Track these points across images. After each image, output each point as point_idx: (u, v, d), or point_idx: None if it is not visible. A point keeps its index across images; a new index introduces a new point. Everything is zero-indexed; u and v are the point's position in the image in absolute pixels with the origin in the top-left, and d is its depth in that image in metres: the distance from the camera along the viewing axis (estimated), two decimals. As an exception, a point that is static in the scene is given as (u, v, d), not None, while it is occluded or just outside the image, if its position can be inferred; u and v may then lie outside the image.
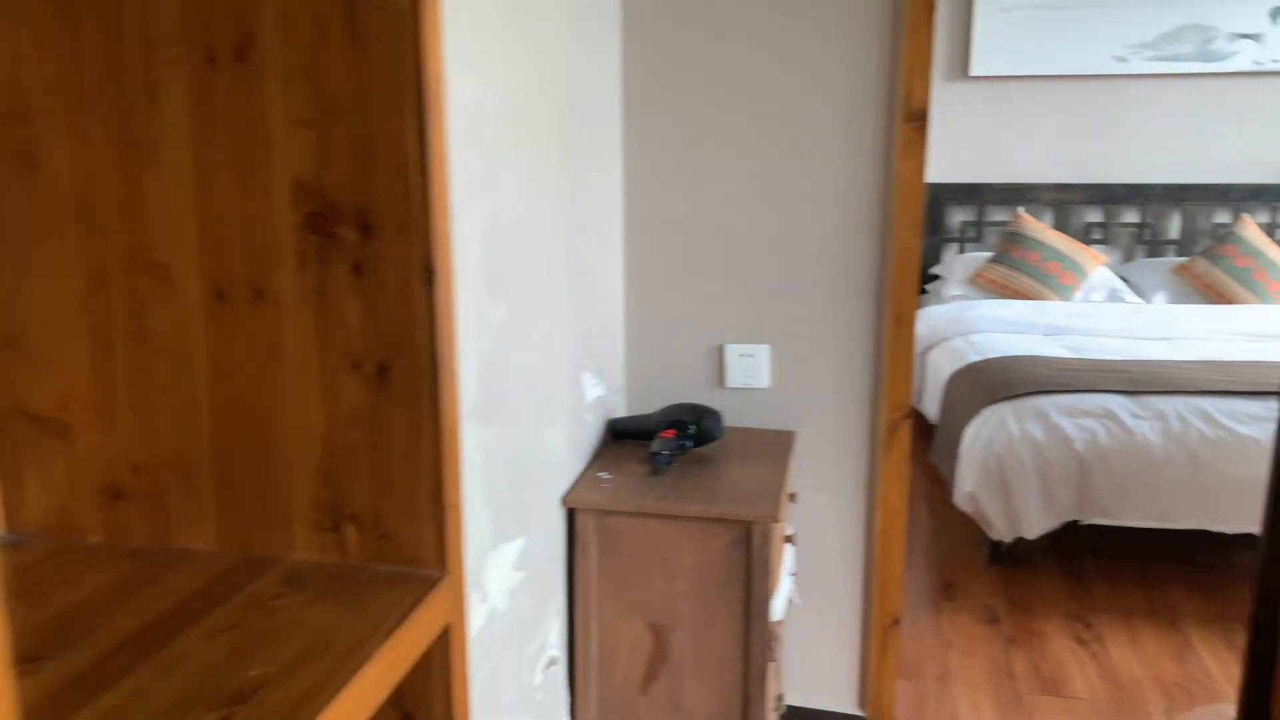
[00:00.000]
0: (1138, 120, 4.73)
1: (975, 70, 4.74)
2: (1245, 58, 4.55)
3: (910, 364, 2.02)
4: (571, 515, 1.76)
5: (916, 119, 1.91)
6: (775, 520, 1.66)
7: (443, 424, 0.81)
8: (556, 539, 1.74)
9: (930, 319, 4.12)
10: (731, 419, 2.12)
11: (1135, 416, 2.93)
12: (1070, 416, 2.96)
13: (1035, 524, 2.93)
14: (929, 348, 4.01)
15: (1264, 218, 4.70)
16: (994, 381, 3.19)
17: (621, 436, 2.01)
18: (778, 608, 1.73)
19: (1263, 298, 4.21)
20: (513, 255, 1.44)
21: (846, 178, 1.97)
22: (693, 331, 2.11)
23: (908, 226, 1.96)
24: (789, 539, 1.91)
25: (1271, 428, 2.85)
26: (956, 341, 3.84)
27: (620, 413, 2.14)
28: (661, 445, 1.84)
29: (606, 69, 1.94)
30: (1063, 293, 4.34)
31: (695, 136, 2.02)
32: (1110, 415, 2.94)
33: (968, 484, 2.97)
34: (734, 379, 2.10)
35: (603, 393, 1.98)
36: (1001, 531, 2.96)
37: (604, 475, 1.83)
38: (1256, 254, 4.29)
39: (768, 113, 1.98)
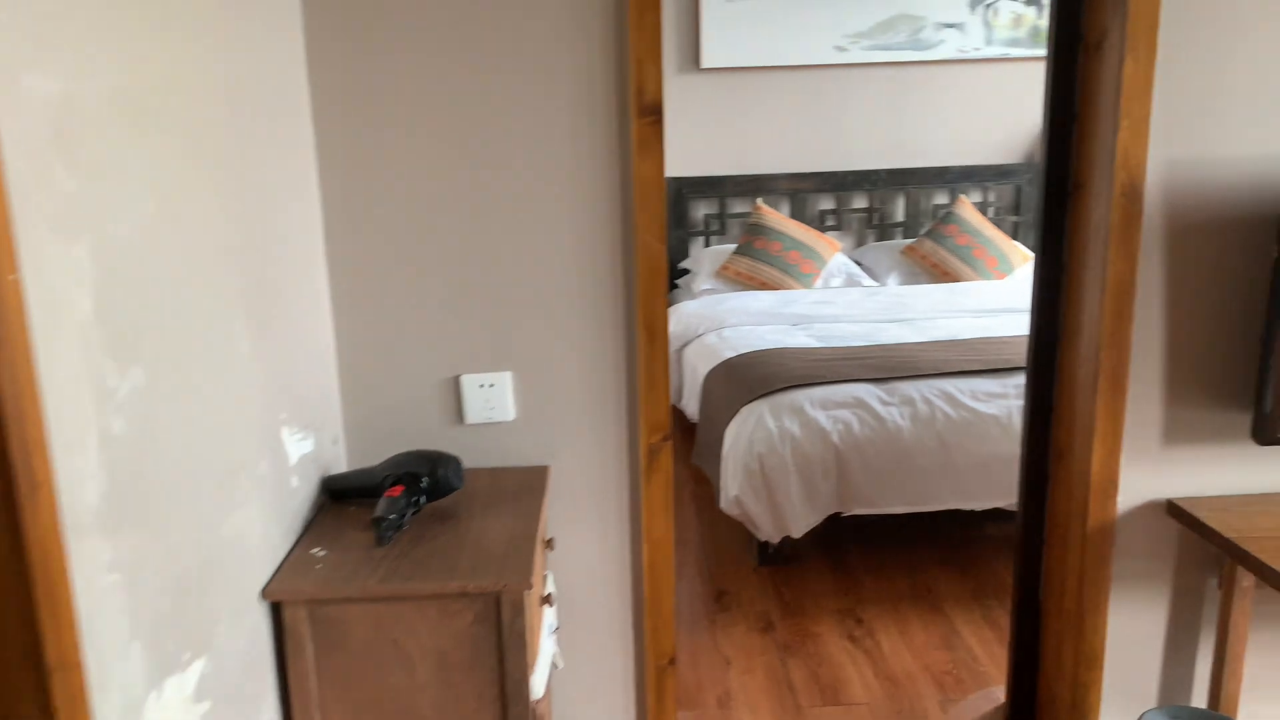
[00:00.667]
0: (860, 108, 4.88)
1: (706, 62, 4.71)
2: (950, 46, 4.80)
3: (667, 379, 1.84)
4: (278, 610, 1.43)
5: (651, 113, 1.72)
6: (528, 587, 1.42)
7: (32, 556, 0.61)
8: (260, 644, 1.40)
9: (683, 315, 4.02)
10: (475, 459, 1.86)
11: (885, 403, 2.94)
12: (825, 409, 2.92)
13: (800, 521, 2.87)
14: (684, 345, 3.92)
15: (977, 197, 4.99)
16: (749, 378, 3.12)
17: (341, 497, 1.69)
18: (539, 684, 1.49)
19: (983, 274, 4.45)
20: (149, 302, 1.10)
21: (580, 181, 1.75)
22: (422, 363, 1.82)
23: (651, 230, 1.77)
24: (547, 599, 1.67)
25: (1009, 404, 2.95)
26: (710, 337, 3.76)
27: (340, 467, 1.81)
28: (387, 508, 1.54)
29: (287, 64, 1.60)
30: (804, 280, 4.40)
31: (404, 145, 1.72)
32: (862, 404, 2.93)
33: (733, 488, 2.87)
34: (474, 413, 1.84)
35: (311, 448, 1.65)
36: (768, 533, 2.88)
37: (318, 552, 1.51)
38: (974, 232, 4.54)
39: (485, 115, 1.72)
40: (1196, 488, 1.90)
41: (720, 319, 3.89)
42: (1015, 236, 5.00)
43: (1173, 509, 1.90)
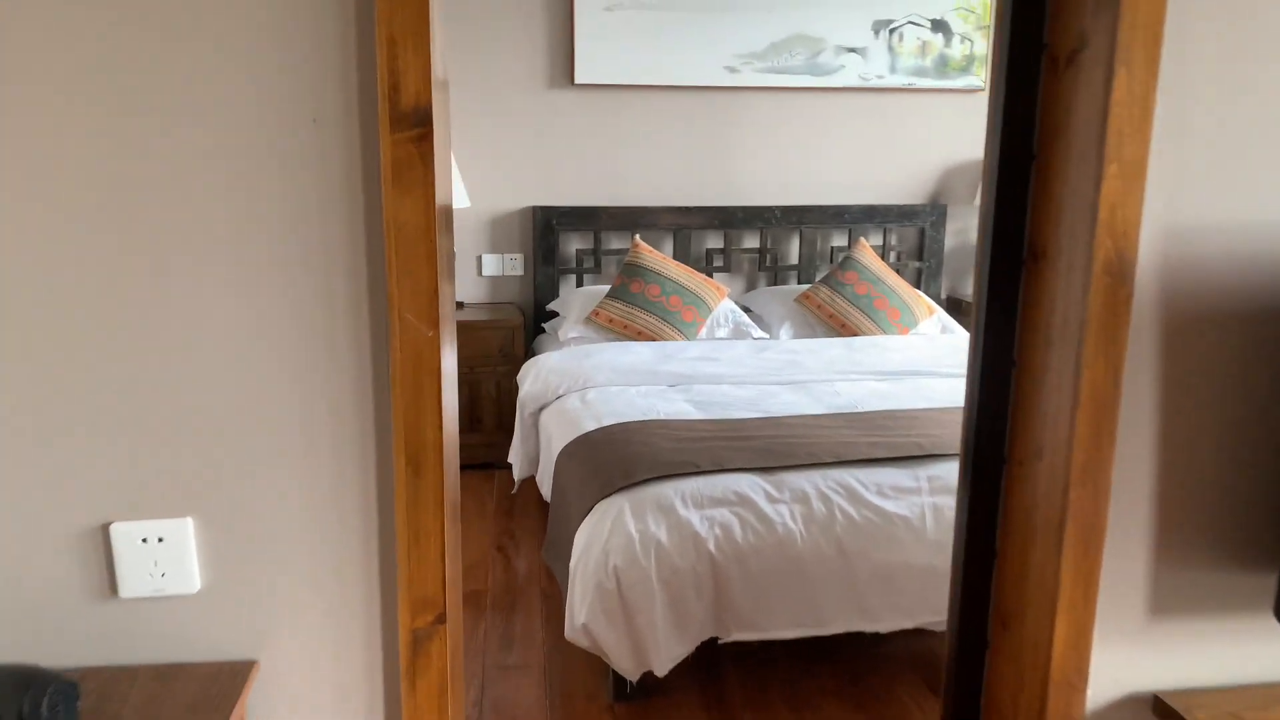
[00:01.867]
0: (752, 137, 4.38)
1: (581, 77, 4.13)
2: (851, 72, 4.34)
3: (441, 530, 1.21)
4: None
5: (413, 125, 1.10)
6: None
7: None
8: None
9: (542, 371, 3.40)
10: (134, 653, 1.19)
11: (773, 500, 2.37)
12: (700, 507, 2.34)
13: (665, 653, 2.27)
14: (542, 407, 3.29)
15: (877, 240, 4.54)
16: (609, 463, 2.51)
17: None
18: None
19: (884, 326, 3.97)
20: None
21: (303, 228, 1.12)
22: (44, 504, 1.15)
23: (416, 306, 1.15)
24: None
25: (921, 502, 2.42)
26: (571, 400, 3.15)
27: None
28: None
29: None
30: (687, 330, 3.83)
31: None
32: (745, 501, 2.36)
33: (580, 613, 2.25)
34: (135, 583, 1.17)
35: None
36: (626, 668, 2.27)
37: None
38: (875, 280, 4.06)
39: (146, 121, 1.07)
40: (1195, 677, 1.38)
41: (586, 376, 3.28)
42: (919, 285, 4.56)
43: (1162, 708, 1.37)
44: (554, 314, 4.17)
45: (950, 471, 2.48)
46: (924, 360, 3.55)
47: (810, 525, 2.34)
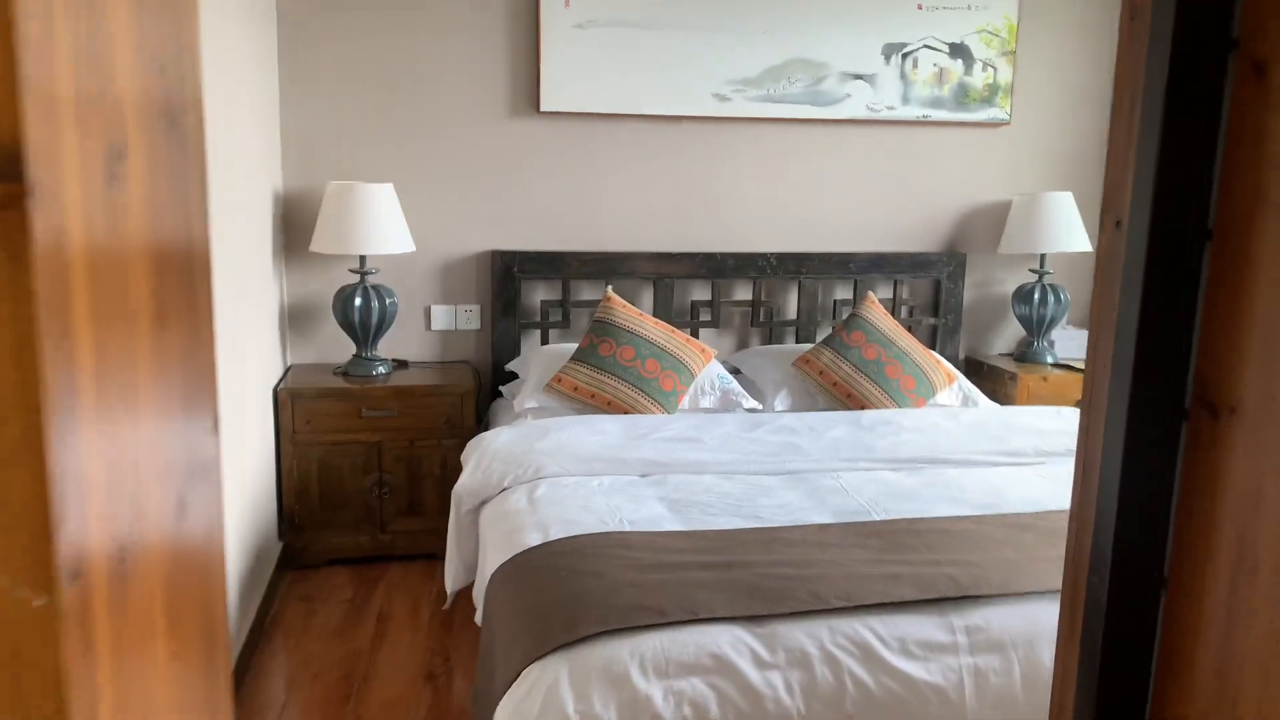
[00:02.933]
0: (745, 174, 3.82)
1: (547, 104, 3.58)
2: (858, 102, 3.79)
3: None
4: None
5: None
6: None
7: None
8: None
9: (486, 454, 2.80)
10: None
11: (763, 665, 1.78)
12: (664, 677, 1.74)
13: None
14: (483, 502, 2.70)
15: (886, 292, 3.97)
16: (547, 604, 1.92)
17: None
18: None
19: (897, 397, 3.39)
20: None
21: None
22: None
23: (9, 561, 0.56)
24: None
25: (959, 665, 1.82)
26: (517, 496, 2.56)
27: None
28: None
29: None
30: (665, 401, 3.25)
31: None
32: (725, 667, 1.76)
33: (497, 828, 1.65)
34: None
35: None
36: None
37: None
38: (886, 342, 3.48)
39: None
40: None
41: (537, 464, 2.69)
42: (934, 345, 3.99)
43: None
44: (514, 375, 3.59)
45: (997, 620, 1.90)
46: (947, 444, 2.97)
47: (813, 701, 1.75)
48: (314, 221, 3.38)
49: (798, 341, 3.88)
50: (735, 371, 3.71)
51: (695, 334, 3.80)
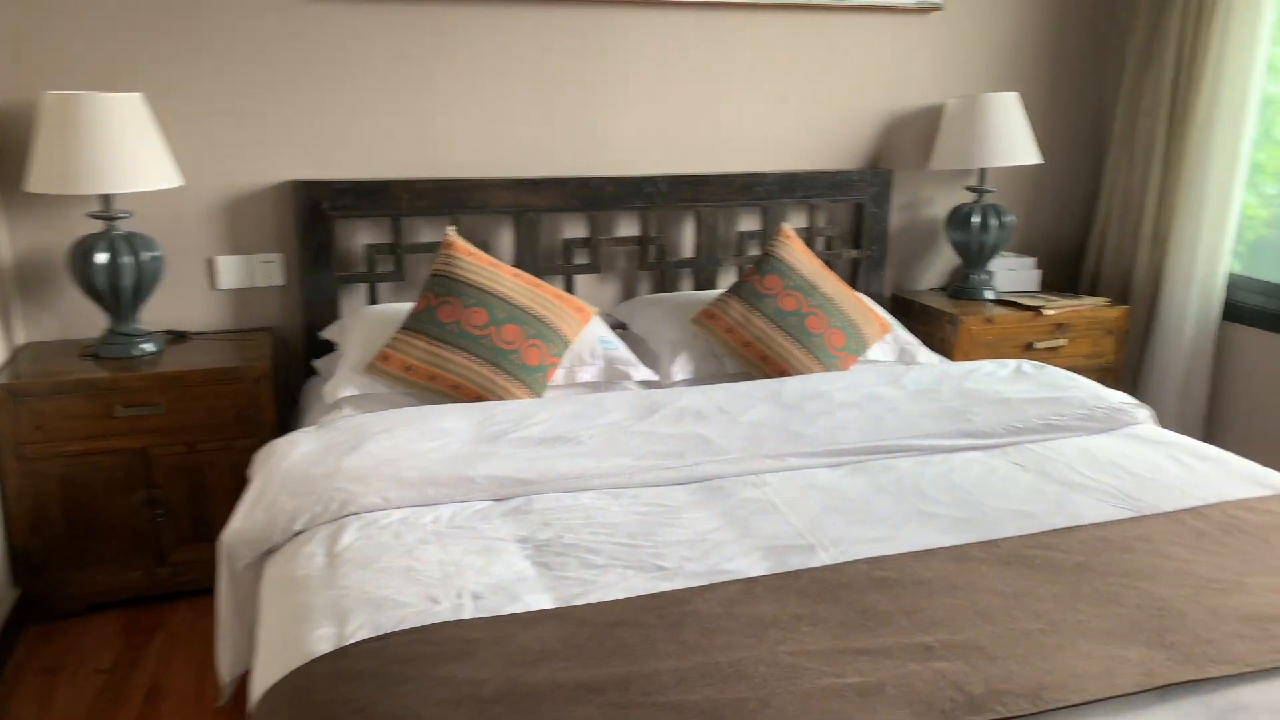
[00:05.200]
0: (625, 76, 3.01)
1: (356, -22, 2.67)
2: (766, -18, 3.01)
3: None
4: None
5: None
6: None
7: None
8: None
9: (274, 479, 1.98)
10: None
11: None
12: None
13: None
14: (269, 552, 1.89)
15: (798, 221, 3.26)
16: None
17: None
18: None
19: (823, 357, 2.70)
20: None
21: None
22: None
23: None
24: None
25: None
26: (312, 547, 1.77)
27: None
28: None
29: None
30: (531, 380, 2.47)
31: None
32: None
33: None
34: None
35: None
36: None
37: None
38: (806, 289, 2.78)
39: None
40: None
41: (345, 492, 1.89)
42: (856, 283, 3.32)
43: None
44: (329, 346, 2.75)
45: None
46: (894, 424, 2.30)
47: None
48: (26, 149, 2.42)
49: (697, 287, 3.14)
50: (621, 328, 2.96)
51: (569, 283, 3.01)
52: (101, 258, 2.43)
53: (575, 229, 3.03)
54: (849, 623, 1.48)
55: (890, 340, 2.89)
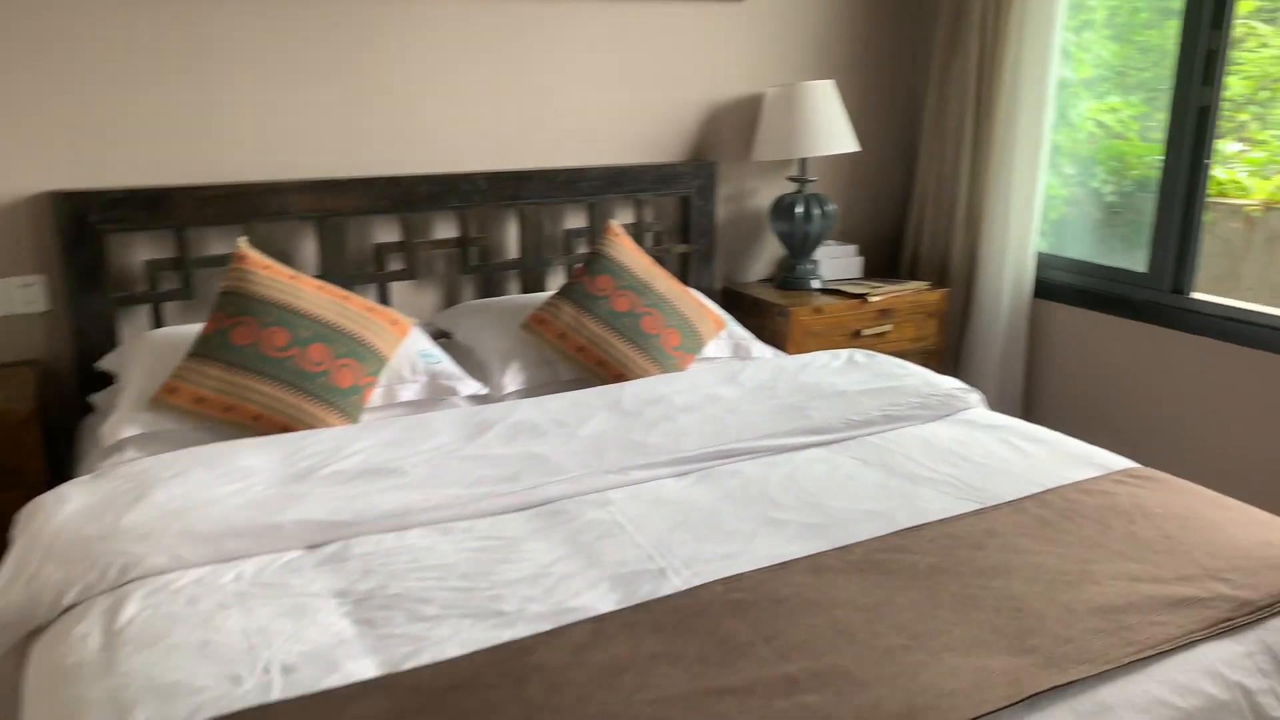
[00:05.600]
0: (437, 66, 2.80)
1: (112, -42, 2.34)
2: (578, -33, 2.87)
3: None
4: None
5: None
6: None
7: None
8: None
9: (37, 544, 1.68)
10: None
11: None
12: None
13: None
14: (33, 634, 1.60)
15: (626, 217, 3.15)
16: None
17: None
18: None
19: (660, 359, 2.60)
20: None
21: None
22: None
23: None
24: None
25: None
26: (87, 624, 1.50)
27: None
28: None
29: None
30: (346, 405, 2.24)
31: None
32: None
33: None
34: None
35: None
36: None
37: None
38: (640, 288, 2.66)
39: None
40: None
41: (126, 554, 1.62)
42: (687, 279, 3.24)
43: None
44: (107, 379, 2.42)
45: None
46: (736, 425, 2.22)
47: None
48: None
49: (525, 290, 2.98)
50: (445, 337, 2.76)
51: (383, 293, 2.78)
52: None
53: (387, 233, 2.80)
54: (708, 657, 1.37)
55: (725, 336, 2.82)
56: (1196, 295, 2.97)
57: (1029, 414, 3.41)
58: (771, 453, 2.14)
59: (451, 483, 1.91)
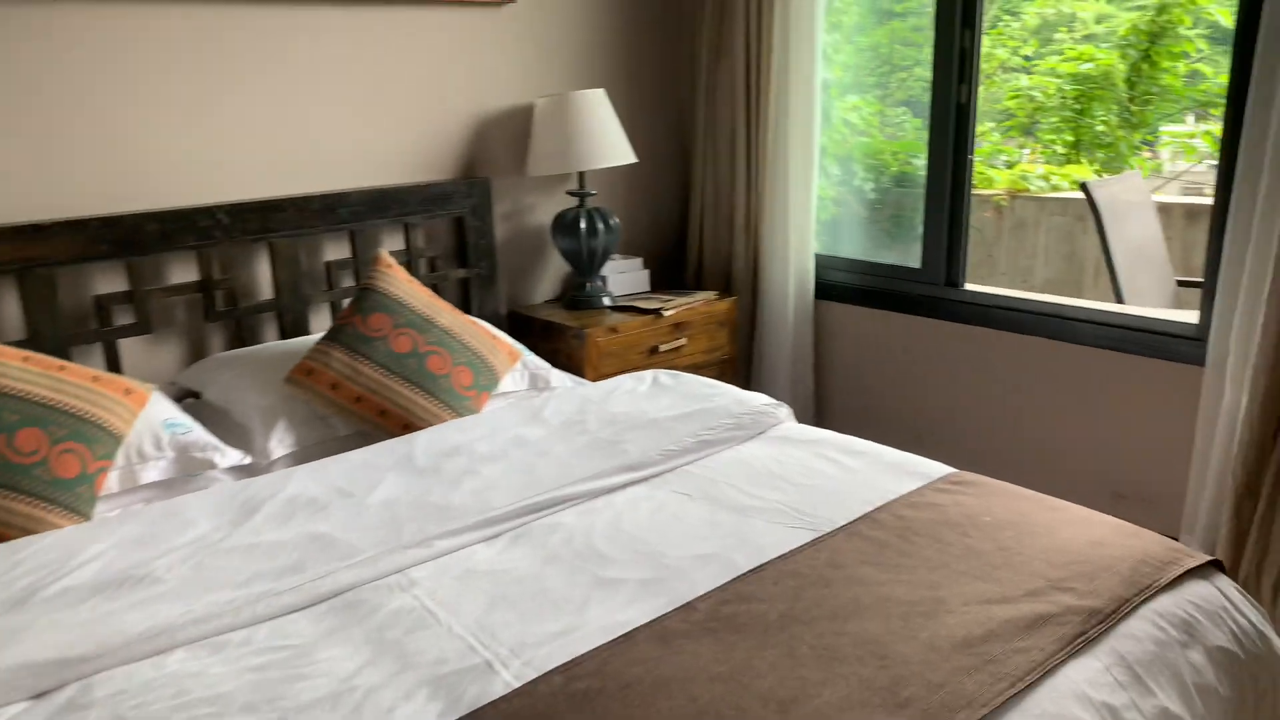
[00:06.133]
0: (158, 83, 2.40)
1: None
2: (317, -31, 2.56)
3: None
4: None
5: None
6: None
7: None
8: None
9: None
10: None
11: None
12: None
13: None
14: None
15: (395, 244, 2.87)
16: None
17: None
18: None
19: (453, 402, 2.35)
20: None
21: None
22: None
23: None
24: None
25: None
26: None
27: None
28: None
29: None
30: (72, 499, 1.84)
31: None
32: None
33: None
34: None
35: None
36: None
37: None
38: (421, 324, 2.40)
39: None
40: None
41: None
42: (468, 307, 3.00)
43: None
44: None
45: None
46: (547, 471, 2.01)
47: None
48: None
49: (285, 336, 2.63)
50: (193, 397, 2.38)
51: (112, 354, 2.36)
52: None
53: (110, 282, 2.38)
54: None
55: (521, 368, 2.61)
56: (969, 287, 3.08)
57: (823, 417, 3.43)
58: (591, 497, 1.96)
59: (218, 584, 1.59)
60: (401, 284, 2.44)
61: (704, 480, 2.02)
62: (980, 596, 1.51)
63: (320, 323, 2.68)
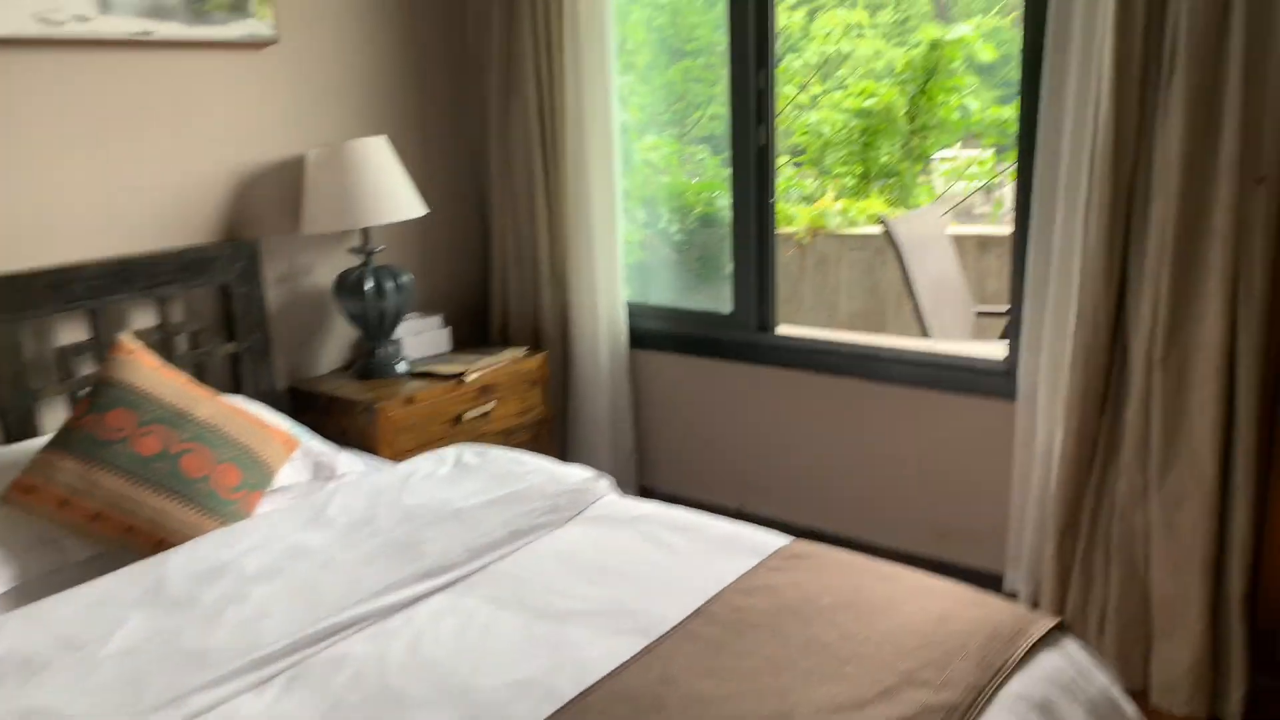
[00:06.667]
0: None
1: None
2: (21, 10, 2.17)
3: None
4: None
5: None
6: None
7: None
8: None
9: None
10: None
11: None
12: None
13: None
14: None
15: (145, 321, 2.48)
16: None
17: None
18: None
19: (216, 508, 1.99)
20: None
21: None
22: None
23: None
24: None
25: None
26: None
27: None
28: None
29: None
30: None
31: None
32: None
33: None
34: None
35: None
36: None
37: None
38: (173, 419, 2.03)
39: None
40: None
41: None
42: (239, 386, 2.64)
43: None
44: None
45: None
46: (332, 589, 1.72)
47: None
48: None
49: (9, 440, 2.19)
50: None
51: None
52: None
53: None
54: None
55: (300, 456, 2.28)
56: (781, 331, 2.99)
57: (646, 474, 3.26)
58: (384, 615, 1.68)
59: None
60: (147, 372, 2.07)
61: (517, 581, 1.78)
62: (831, 702, 1.35)
63: (55, 421, 2.26)
